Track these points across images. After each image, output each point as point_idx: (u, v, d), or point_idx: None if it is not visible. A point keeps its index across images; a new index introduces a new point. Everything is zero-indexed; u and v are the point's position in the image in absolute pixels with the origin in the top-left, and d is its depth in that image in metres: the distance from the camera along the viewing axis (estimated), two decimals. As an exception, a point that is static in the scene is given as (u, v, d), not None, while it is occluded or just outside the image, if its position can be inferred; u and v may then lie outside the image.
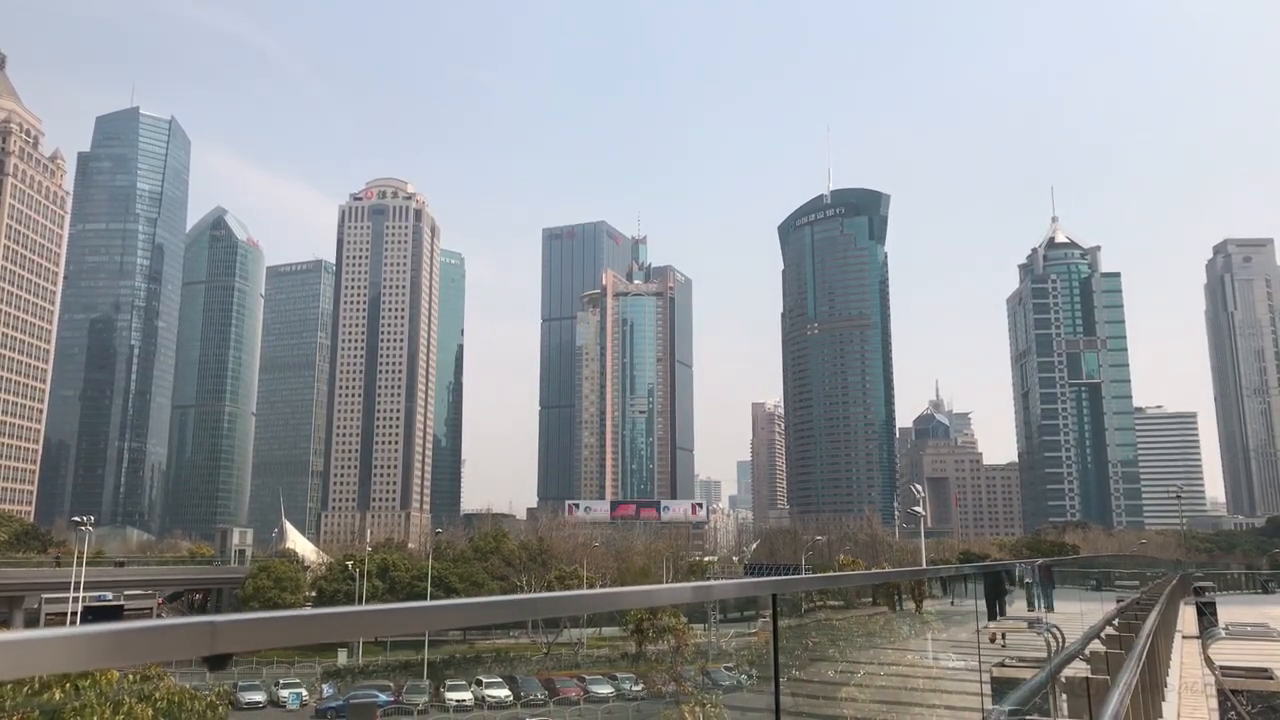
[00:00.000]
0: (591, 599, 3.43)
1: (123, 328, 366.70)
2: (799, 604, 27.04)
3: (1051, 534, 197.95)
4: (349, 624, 2.16)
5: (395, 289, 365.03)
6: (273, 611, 1.85)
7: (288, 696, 64.65)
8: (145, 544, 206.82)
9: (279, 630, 1.88)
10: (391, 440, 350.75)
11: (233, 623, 1.82)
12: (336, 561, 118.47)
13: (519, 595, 2.50)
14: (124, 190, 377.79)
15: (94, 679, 24.21)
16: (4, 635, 1.44)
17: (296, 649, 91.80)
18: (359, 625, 2.15)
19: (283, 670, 78.76)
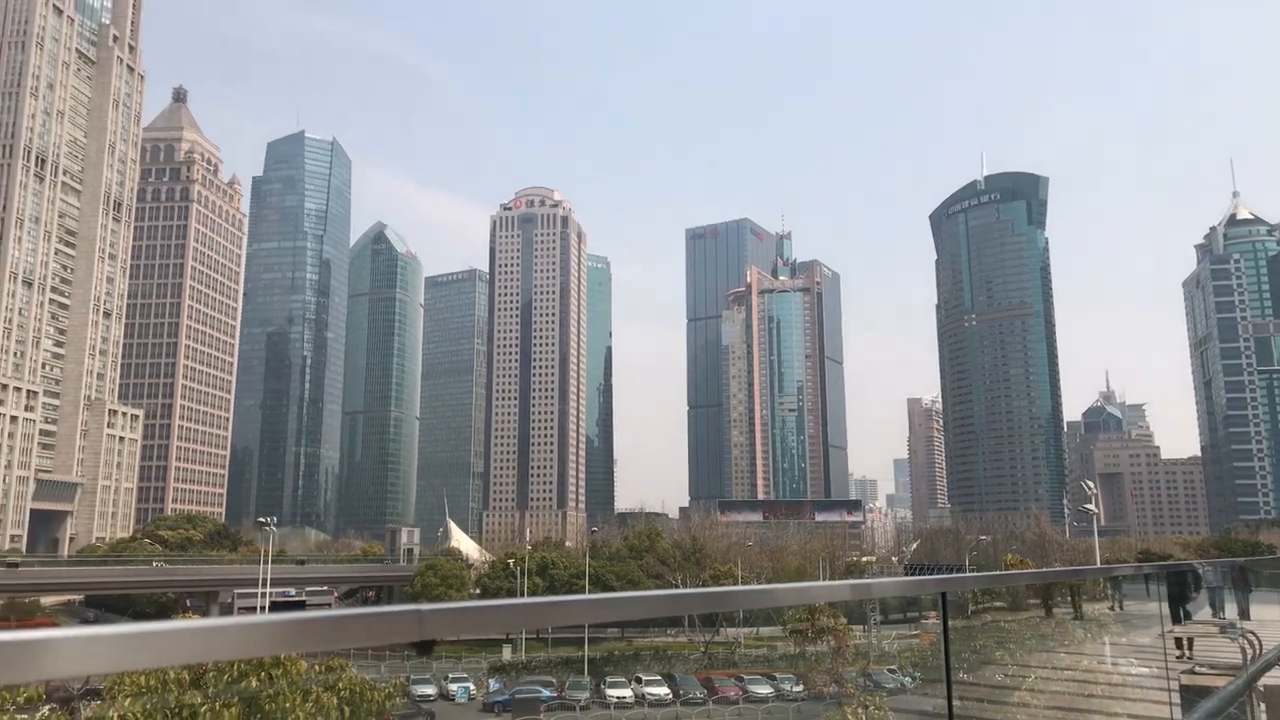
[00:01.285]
0: (749, 595, 3.43)
1: (296, 339, 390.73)
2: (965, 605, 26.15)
3: (1244, 532, 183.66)
4: (536, 614, 2.36)
5: (545, 294, 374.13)
6: (470, 602, 2.01)
7: (457, 690, 67.24)
8: (322, 543, 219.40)
9: (474, 619, 2.06)
10: (546, 441, 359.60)
11: (436, 611, 2.02)
12: (498, 560, 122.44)
13: (682, 590, 2.62)
14: (293, 210, 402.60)
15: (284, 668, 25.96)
16: (254, 618, 1.69)
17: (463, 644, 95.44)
18: (545, 615, 2.30)
19: (451, 665, 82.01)
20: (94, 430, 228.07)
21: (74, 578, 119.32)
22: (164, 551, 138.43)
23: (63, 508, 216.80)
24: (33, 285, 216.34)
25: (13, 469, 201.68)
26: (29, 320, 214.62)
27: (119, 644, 1.55)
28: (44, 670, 1.45)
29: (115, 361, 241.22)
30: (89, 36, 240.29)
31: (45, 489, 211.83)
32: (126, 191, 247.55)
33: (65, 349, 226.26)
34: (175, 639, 1.64)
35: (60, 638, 1.47)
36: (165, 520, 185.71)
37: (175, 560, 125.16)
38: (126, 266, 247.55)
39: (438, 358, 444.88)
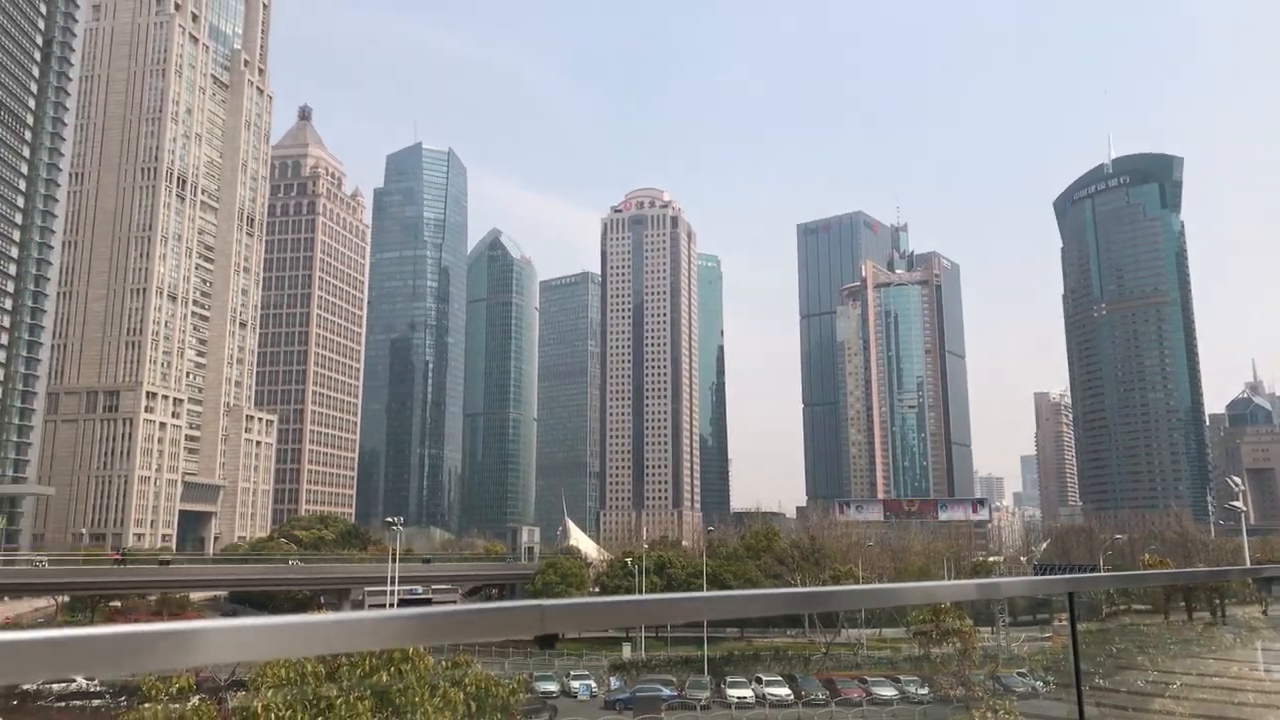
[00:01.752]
0: (872, 594, 3.40)
1: (418, 345, 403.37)
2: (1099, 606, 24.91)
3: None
4: (651, 610, 2.60)
5: (656, 295, 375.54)
6: (588, 598, 2.18)
7: (578, 687, 68.11)
8: (446, 542, 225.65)
9: (592, 614, 2.18)
10: (661, 441, 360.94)
11: (557, 606, 2.13)
12: (616, 558, 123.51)
13: (802, 589, 2.69)
14: (413, 220, 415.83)
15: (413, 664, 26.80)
16: (387, 612, 1.83)
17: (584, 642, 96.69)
18: (659, 611, 2.57)
19: (572, 662, 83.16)
20: (233, 435, 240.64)
21: (218, 575, 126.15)
22: (299, 550, 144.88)
23: (207, 509, 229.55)
24: (176, 299, 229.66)
25: (162, 472, 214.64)
26: (174, 332, 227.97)
27: (262, 635, 1.71)
28: (197, 658, 1.63)
29: (251, 369, 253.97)
30: (222, 62, 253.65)
31: (191, 491, 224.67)
32: (258, 207, 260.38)
33: (206, 358, 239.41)
34: (313, 631, 1.78)
35: (211, 628, 1.63)
36: (299, 520, 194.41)
37: (309, 559, 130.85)
38: (260, 279, 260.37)
39: (553, 360, 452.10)
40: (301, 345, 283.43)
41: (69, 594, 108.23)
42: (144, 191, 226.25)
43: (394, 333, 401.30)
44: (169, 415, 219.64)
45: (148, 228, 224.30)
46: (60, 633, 1.47)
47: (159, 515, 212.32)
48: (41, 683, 58.12)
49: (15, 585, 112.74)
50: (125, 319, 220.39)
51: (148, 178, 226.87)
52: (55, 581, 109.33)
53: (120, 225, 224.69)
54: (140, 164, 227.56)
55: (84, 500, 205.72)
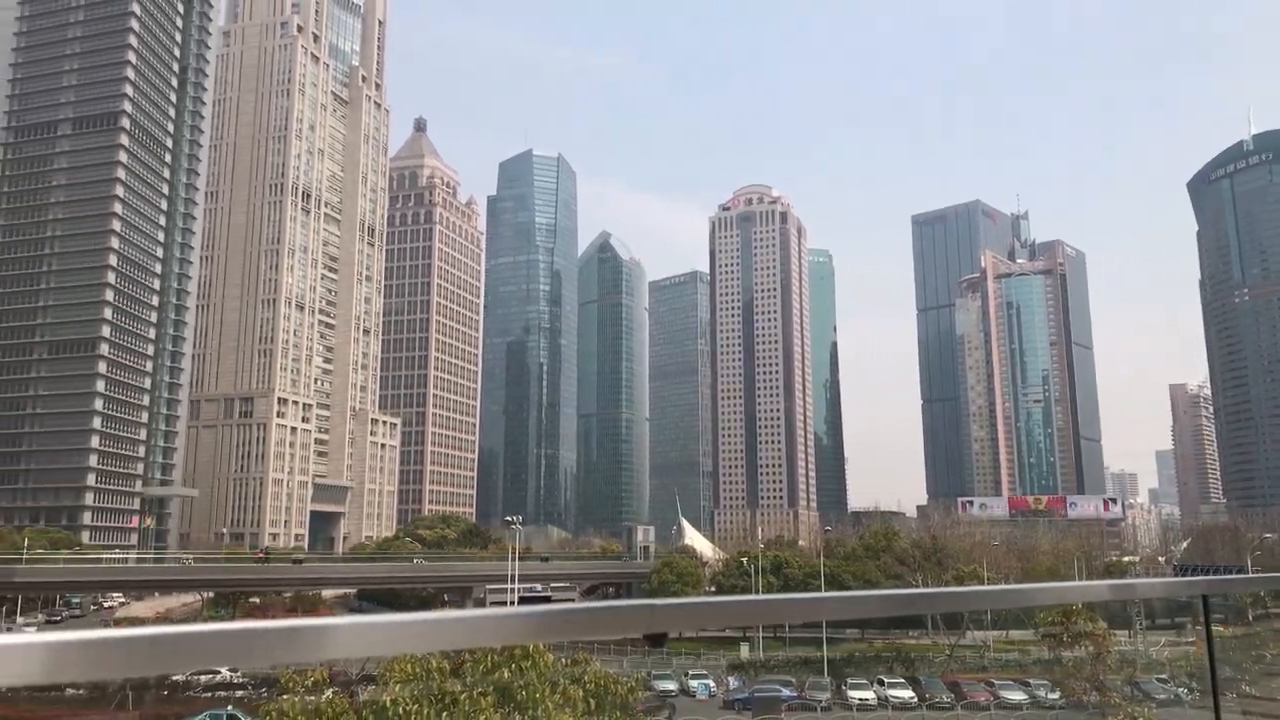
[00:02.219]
0: (998, 595, 3.42)
1: (532, 347, 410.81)
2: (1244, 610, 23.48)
3: None
4: (760, 610, 2.91)
5: (766, 292, 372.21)
6: (697, 598, 2.04)
7: (697, 687, 68.04)
8: (564, 541, 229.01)
9: (702, 613, 2.29)
10: (774, 440, 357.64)
11: (666, 605, 2.21)
12: (732, 558, 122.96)
13: (922, 589, 2.78)
14: (525, 225, 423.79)
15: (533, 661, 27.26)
16: (507, 609, 1.94)
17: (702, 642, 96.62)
18: (769, 611, 2.59)
19: (690, 662, 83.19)
20: (360, 438, 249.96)
21: (348, 573, 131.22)
22: (422, 549, 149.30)
23: (336, 509, 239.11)
24: (304, 308, 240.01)
25: (294, 474, 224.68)
26: (302, 340, 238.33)
27: (391, 630, 1.81)
28: (331, 651, 1.72)
29: (375, 374, 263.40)
30: (341, 79, 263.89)
31: (321, 492, 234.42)
32: (378, 218, 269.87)
33: (333, 365, 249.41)
34: (437, 627, 1.88)
35: (344, 625, 1.73)
36: (423, 520, 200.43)
37: (433, 558, 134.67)
38: (381, 287, 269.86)
39: (664, 359, 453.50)
40: (422, 350, 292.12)
41: (213, 590, 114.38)
42: (272, 207, 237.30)
43: (509, 336, 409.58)
44: (299, 420, 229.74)
45: (276, 241, 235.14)
46: (208, 628, 1.58)
47: (292, 516, 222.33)
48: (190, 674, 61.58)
49: (165, 582, 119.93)
50: (258, 328, 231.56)
51: (275, 193, 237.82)
52: (200, 579, 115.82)
53: (251, 240, 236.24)
54: (268, 180, 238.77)
55: (224, 501, 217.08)
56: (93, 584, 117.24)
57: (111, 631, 1.50)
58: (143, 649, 1.52)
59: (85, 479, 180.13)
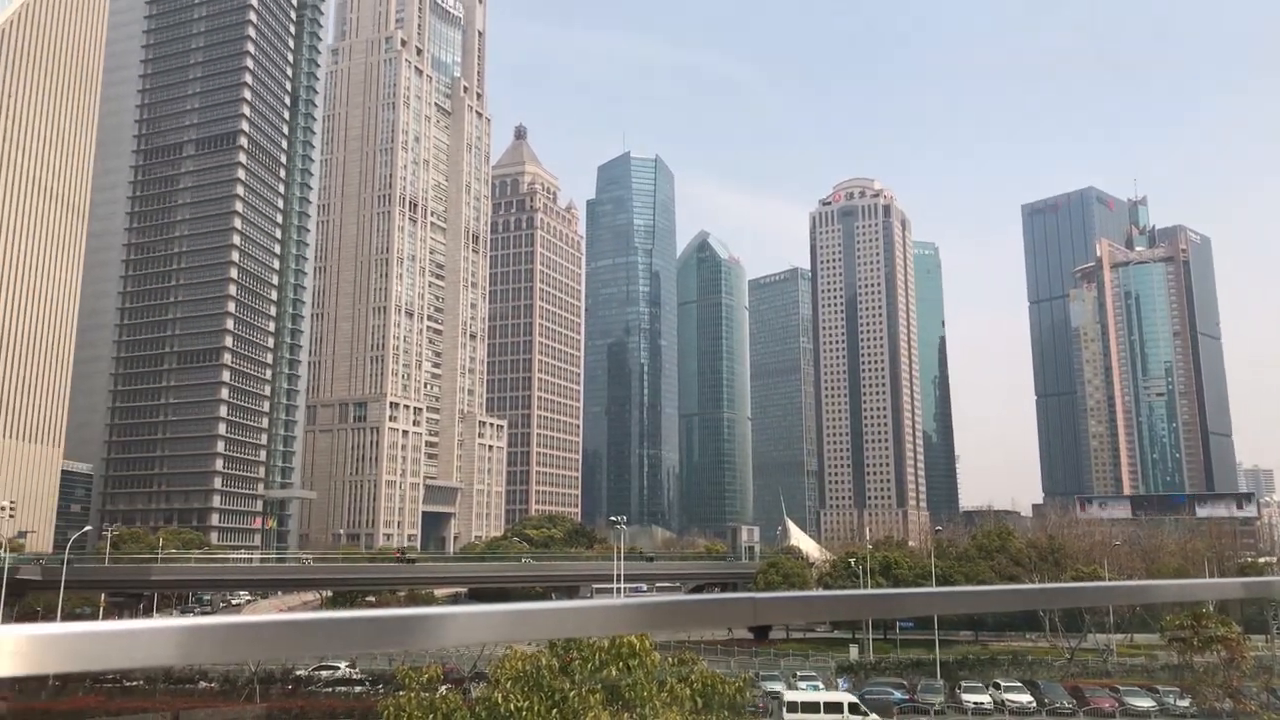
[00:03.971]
0: (1120, 591, 3.43)
1: (633, 349, 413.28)
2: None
3: None
4: (860, 605, 2.68)
5: (870, 287, 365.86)
6: (798, 592, 2.21)
7: (805, 688, 67.32)
8: (668, 540, 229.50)
9: (803, 608, 2.72)
10: (881, 438, 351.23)
11: (768, 598, 2.32)
12: (839, 558, 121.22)
13: (1038, 585, 2.82)
14: (624, 227, 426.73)
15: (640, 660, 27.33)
16: (612, 600, 2.31)
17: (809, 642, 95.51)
18: (868, 606, 2.77)
19: (798, 663, 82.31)
20: (468, 440, 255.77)
21: (459, 572, 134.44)
22: (530, 549, 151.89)
23: (446, 510, 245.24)
24: (413, 315, 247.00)
25: (406, 476, 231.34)
26: (411, 346, 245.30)
27: (502, 619, 1.92)
28: (445, 639, 1.80)
29: (482, 378, 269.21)
30: (443, 90, 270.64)
31: (432, 493, 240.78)
32: (482, 225, 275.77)
33: (441, 369, 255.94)
34: (547, 617, 1.99)
35: (456, 613, 1.85)
36: (530, 521, 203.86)
37: (540, 557, 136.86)
38: (486, 292, 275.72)
39: (765, 358, 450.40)
40: (526, 354, 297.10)
41: (331, 589, 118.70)
42: (381, 217, 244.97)
43: (610, 338, 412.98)
44: (410, 423, 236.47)
45: (385, 250, 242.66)
46: (328, 615, 1.74)
47: (404, 516, 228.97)
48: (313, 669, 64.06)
49: (287, 581, 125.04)
50: (369, 335, 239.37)
51: (383, 204, 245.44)
52: (319, 577, 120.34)
53: (361, 250, 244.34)
54: (376, 192, 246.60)
55: (340, 503, 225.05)
56: (221, 582, 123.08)
57: (240, 618, 1.64)
58: (268, 635, 1.64)
59: (213, 482, 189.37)
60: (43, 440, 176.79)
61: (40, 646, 1.42)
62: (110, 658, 1.50)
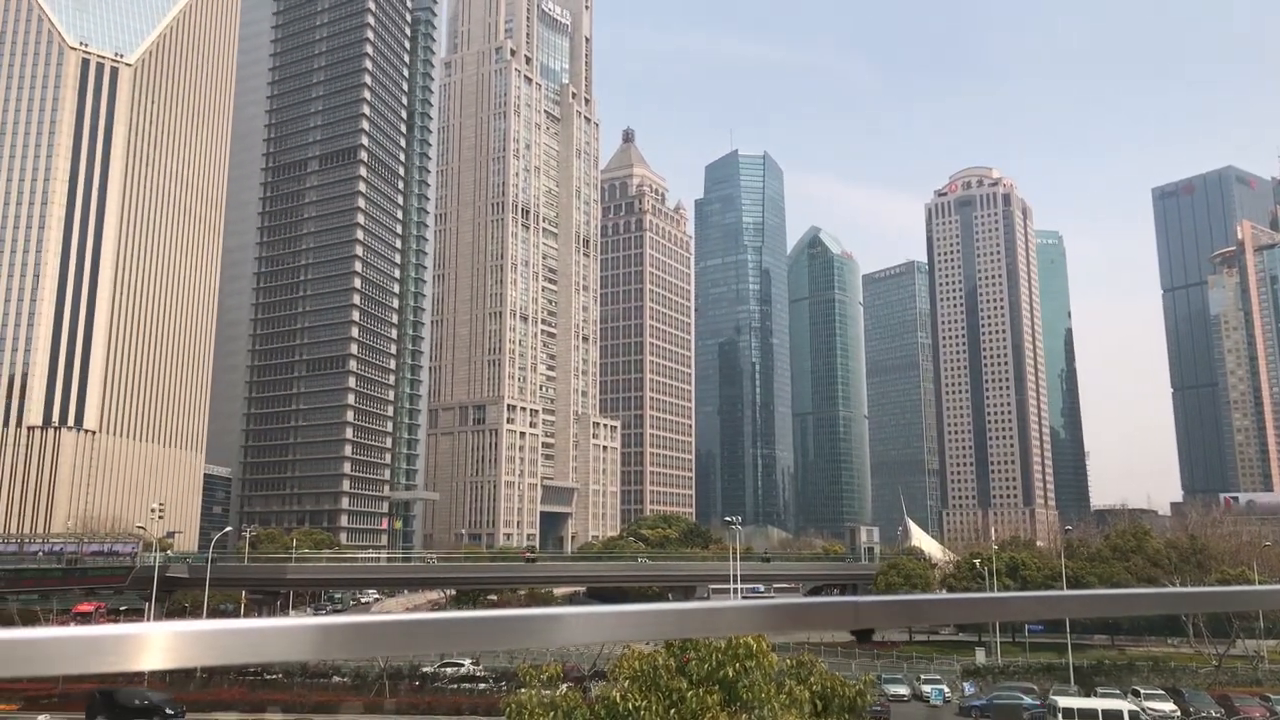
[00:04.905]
0: (1271, 595, 3.26)
1: (744, 347, 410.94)
2: None
3: None
4: (968, 608, 2.71)
5: (990, 279, 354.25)
6: (902, 595, 2.06)
7: (930, 692, 65.57)
8: (784, 541, 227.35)
9: (907, 610, 2.59)
10: (1005, 435, 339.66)
11: (870, 602, 2.37)
12: (962, 559, 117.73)
13: (1170, 589, 2.76)
14: (733, 226, 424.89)
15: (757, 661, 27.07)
16: (724, 601, 2.12)
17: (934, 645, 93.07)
18: (977, 610, 2.62)
19: (923, 666, 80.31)
20: (583, 441, 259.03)
21: (577, 572, 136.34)
22: (646, 549, 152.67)
23: (564, 510, 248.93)
24: (527, 319, 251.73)
25: (524, 477, 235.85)
26: (527, 349, 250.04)
27: (618, 619, 1.99)
28: (563, 637, 1.91)
29: (595, 380, 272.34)
30: (552, 97, 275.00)
31: (550, 494, 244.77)
32: (592, 229, 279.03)
33: (555, 372, 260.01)
34: (661, 618, 2.08)
35: (574, 612, 1.93)
36: (645, 521, 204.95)
37: (656, 557, 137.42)
38: (597, 295, 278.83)
39: (881, 355, 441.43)
40: (637, 355, 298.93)
41: (455, 588, 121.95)
42: (495, 224, 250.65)
43: (721, 337, 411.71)
44: (527, 425, 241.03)
45: (500, 256, 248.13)
46: (452, 614, 1.82)
47: (523, 516, 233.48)
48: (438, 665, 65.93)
49: (413, 580, 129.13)
50: (486, 340, 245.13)
51: (497, 211, 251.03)
52: (443, 576, 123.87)
53: (477, 256, 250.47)
54: (490, 199, 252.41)
55: (461, 503, 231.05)
56: (351, 581, 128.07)
57: (367, 617, 1.75)
58: (393, 633, 1.74)
59: (341, 485, 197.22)
60: (187, 446, 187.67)
61: (189, 642, 1.55)
62: (251, 653, 1.61)
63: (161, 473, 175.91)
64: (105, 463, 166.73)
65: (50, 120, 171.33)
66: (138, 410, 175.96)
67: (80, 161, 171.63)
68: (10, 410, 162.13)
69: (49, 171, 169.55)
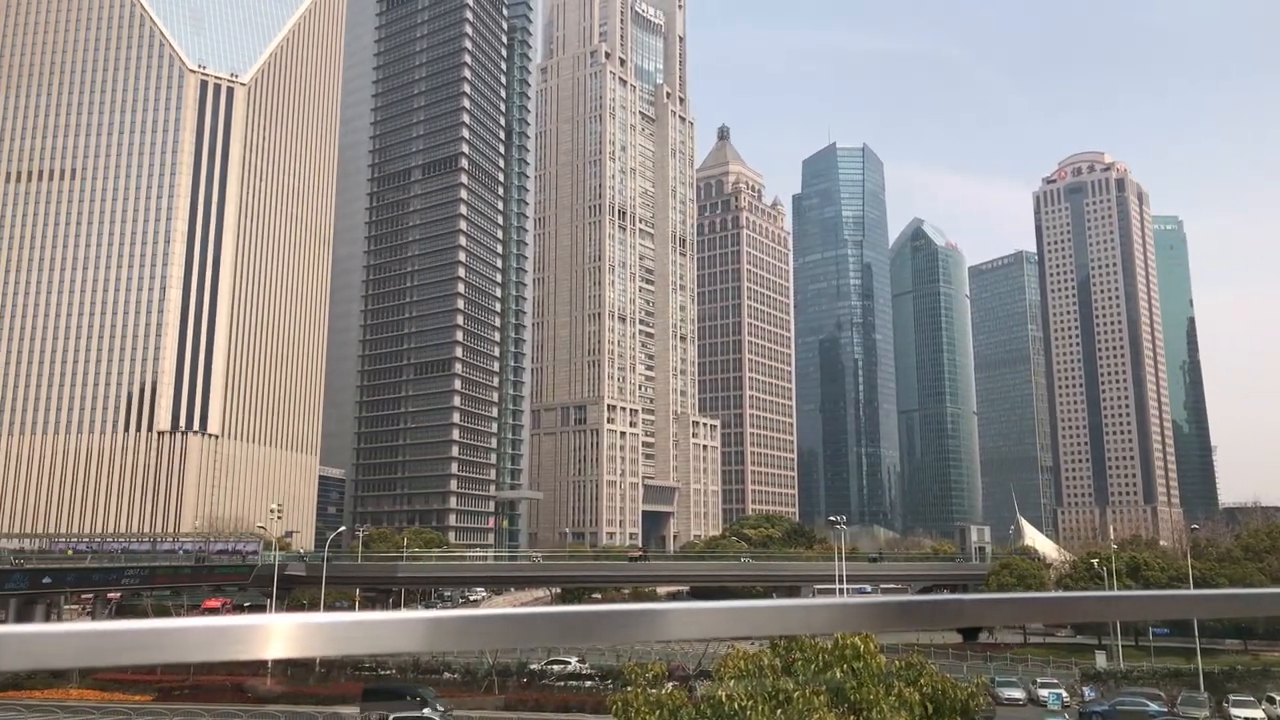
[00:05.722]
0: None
1: (845, 344, 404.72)
2: None
3: None
4: (1078, 608, 2.98)
5: (1105, 268, 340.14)
6: (1008, 594, 2.30)
7: (1047, 696, 63.32)
8: (891, 541, 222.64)
9: (1015, 609, 2.45)
10: (1123, 430, 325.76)
11: (978, 600, 2.38)
12: (1079, 559, 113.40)
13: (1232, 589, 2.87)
14: (831, 221, 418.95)
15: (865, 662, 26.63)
16: (830, 599, 2.08)
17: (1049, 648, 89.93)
18: (1090, 609, 2.77)
19: (1038, 669, 77.67)
20: (682, 441, 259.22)
21: (680, 570, 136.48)
22: (749, 548, 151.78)
23: (665, 509, 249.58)
24: (625, 320, 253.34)
25: (625, 476, 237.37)
26: (625, 350, 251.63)
27: (721, 615, 2.01)
28: (667, 633, 1.95)
29: (693, 379, 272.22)
30: (647, 98, 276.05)
31: (651, 493, 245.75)
32: (688, 229, 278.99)
33: (654, 371, 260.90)
34: (765, 614, 2.08)
35: (677, 609, 1.98)
36: (747, 520, 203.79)
37: (759, 557, 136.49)
38: (694, 294, 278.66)
39: (989, 349, 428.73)
40: (736, 353, 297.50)
41: (560, 586, 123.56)
42: (592, 227, 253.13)
43: (821, 334, 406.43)
44: (627, 425, 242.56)
45: (597, 258, 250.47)
46: (557, 610, 1.87)
47: (625, 515, 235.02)
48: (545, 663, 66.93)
49: (519, 578, 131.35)
50: (585, 341, 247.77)
51: (594, 214, 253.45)
52: (549, 575, 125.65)
53: (575, 259, 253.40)
54: (587, 202, 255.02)
55: (565, 503, 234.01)
56: (460, 579, 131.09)
57: (474, 610, 1.84)
58: (504, 625, 1.80)
59: (449, 484, 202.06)
60: (303, 449, 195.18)
61: (309, 633, 1.67)
62: (365, 644, 1.73)
63: (279, 474, 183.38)
64: (228, 465, 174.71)
65: (173, 140, 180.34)
66: (257, 415, 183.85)
67: (200, 179, 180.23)
68: (142, 417, 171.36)
69: (173, 189, 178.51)
